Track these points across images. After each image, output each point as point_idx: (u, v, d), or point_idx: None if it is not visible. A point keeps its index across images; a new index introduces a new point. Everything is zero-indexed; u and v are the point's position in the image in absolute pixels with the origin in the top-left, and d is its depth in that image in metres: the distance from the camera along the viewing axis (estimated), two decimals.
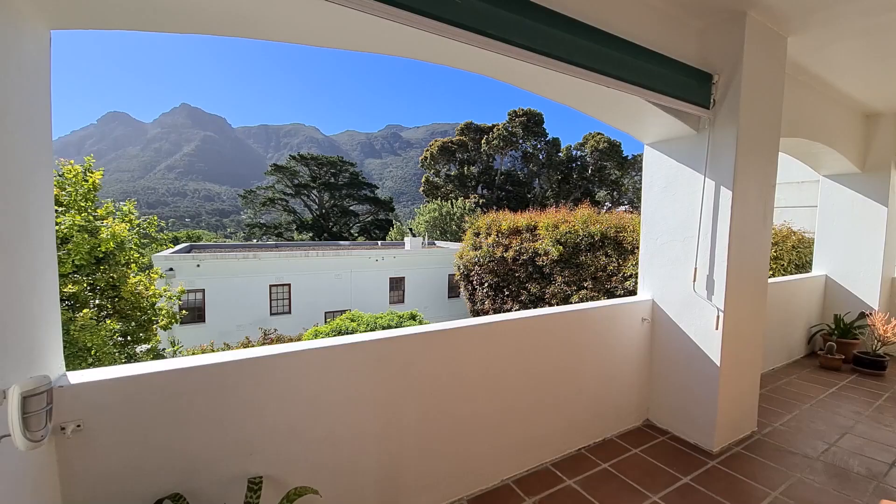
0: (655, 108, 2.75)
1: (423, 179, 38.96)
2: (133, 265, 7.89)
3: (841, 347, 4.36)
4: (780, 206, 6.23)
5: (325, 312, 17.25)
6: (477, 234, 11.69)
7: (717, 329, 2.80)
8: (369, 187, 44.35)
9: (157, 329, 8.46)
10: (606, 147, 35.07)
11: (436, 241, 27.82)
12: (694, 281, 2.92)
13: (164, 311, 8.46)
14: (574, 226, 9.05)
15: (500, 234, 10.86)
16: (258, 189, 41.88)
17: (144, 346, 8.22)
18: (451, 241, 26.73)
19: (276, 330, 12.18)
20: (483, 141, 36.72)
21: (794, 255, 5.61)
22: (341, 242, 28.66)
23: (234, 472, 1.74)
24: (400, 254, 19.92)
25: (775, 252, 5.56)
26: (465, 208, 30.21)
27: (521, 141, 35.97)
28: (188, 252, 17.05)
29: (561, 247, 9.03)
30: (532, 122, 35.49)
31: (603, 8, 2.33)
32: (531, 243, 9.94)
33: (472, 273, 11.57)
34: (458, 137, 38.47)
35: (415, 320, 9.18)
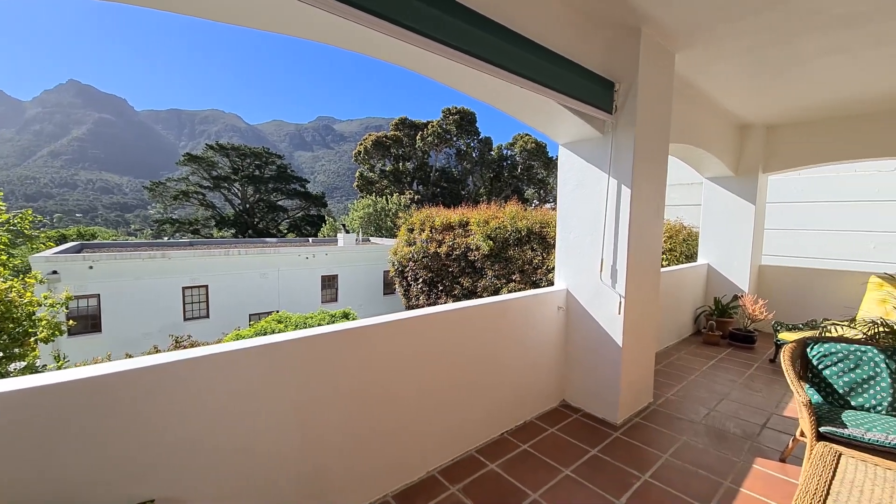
0: (566, 111, 2.95)
1: (358, 174, 37.92)
2: None
3: (720, 325, 5.11)
4: (673, 204, 7.09)
5: (251, 315, 16.07)
6: (411, 230, 11.67)
7: (619, 314, 3.10)
8: (299, 181, 42.00)
9: (35, 343, 7.21)
10: (534, 148, 37.03)
11: (370, 238, 27.27)
12: (601, 271, 3.20)
13: (44, 322, 7.23)
14: (503, 222, 9.42)
15: (433, 230, 10.95)
16: (169, 181, 37.48)
17: (20, 364, 6.96)
18: (386, 237, 26.37)
19: (189, 336, 11.04)
20: (418, 137, 36.70)
21: (684, 247, 6.43)
22: (268, 239, 26.81)
23: (121, 497, 1.54)
24: (332, 251, 19.19)
25: (669, 245, 6.32)
26: (400, 204, 29.98)
27: (455, 139, 36.56)
28: (78, 252, 14.75)
29: (491, 242, 9.36)
30: (465, 121, 36.25)
31: (520, 13, 2.43)
32: (463, 239, 10.17)
33: (407, 269, 11.54)
34: (392, 133, 38.00)
35: (347, 319, 8.92)
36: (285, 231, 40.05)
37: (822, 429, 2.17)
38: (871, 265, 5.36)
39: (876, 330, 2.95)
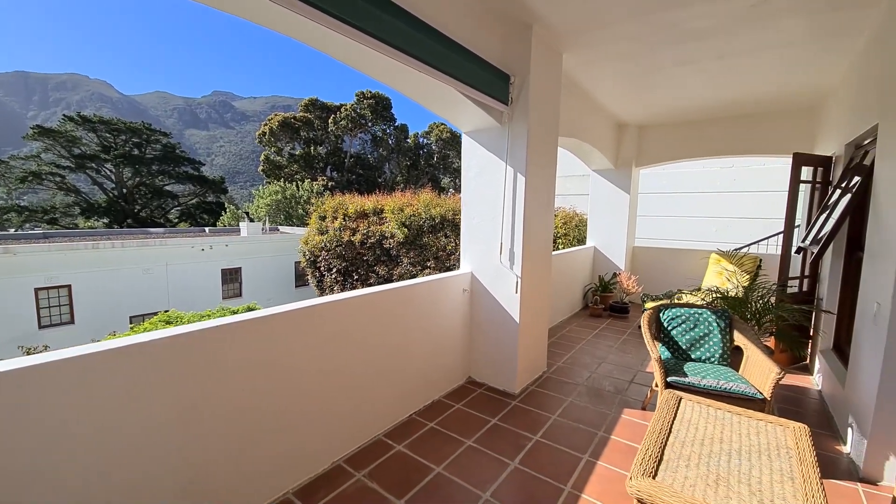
0: (467, 100, 3.05)
1: (263, 158, 34.77)
2: None
3: (602, 299, 5.84)
4: (569, 193, 7.85)
5: (132, 317, 13.91)
6: (323, 218, 11.14)
7: (516, 293, 3.35)
8: (192, 163, 36.96)
9: None
10: (449, 137, 37.70)
11: (279, 227, 25.36)
12: (500, 254, 3.41)
13: None
14: (418, 209, 9.48)
15: (347, 218, 10.59)
16: (14, 159, 30.10)
17: None
18: (298, 226, 24.75)
19: (47, 347, 9.20)
20: (331, 120, 34.82)
21: (576, 232, 7.19)
22: (153, 230, 23.26)
23: None
24: (235, 241, 17.44)
25: (564, 230, 7.01)
26: (312, 191, 28.30)
27: (370, 124, 35.48)
28: None
29: (406, 229, 9.37)
30: (381, 107, 35.35)
31: (425, 1, 2.44)
32: (378, 226, 10.01)
33: (320, 259, 11.02)
34: (302, 114, 35.47)
35: None
36: (176, 220, 35.20)
37: (669, 379, 2.63)
38: (713, 244, 6.57)
39: (712, 296, 3.64)
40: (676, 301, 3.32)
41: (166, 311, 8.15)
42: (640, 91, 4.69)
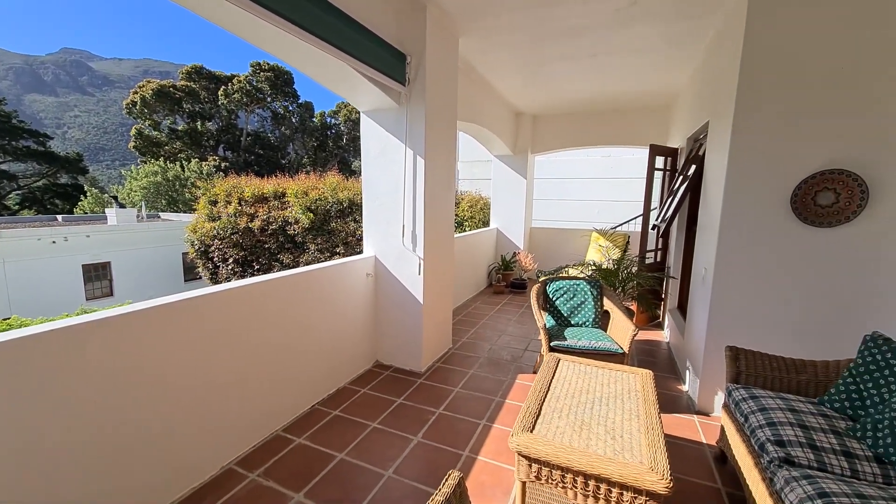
0: (363, 78, 2.93)
1: (135, 132, 29.56)
2: None
3: (504, 277, 6.28)
4: (475, 178, 8.17)
5: None
6: (214, 203, 9.95)
7: (419, 274, 3.41)
8: (34, 136, 29.80)
9: None
10: (359, 117, 36.14)
11: (160, 214, 22.03)
12: (403, 236, 3.42)
13: None
14: (324, 193, 9.01)
15: (243, 203, 9.62)
16: None
17: None
18: (185, 212, 21.75)
19: None
20: (221, 92, 30.83)
21: (482, 214, 7.55)
22: None
23: None
24: (99, 231, 14.69)
25: (471, 213, 7.32)
26: (202, 172, 25.02)
27: (269, 99, 32.28)
28: None
29: (312, 214, 8.86)
30: (281, 81, 32.29)
31: None
32: (280, 212, 9.29)
33: (212, 248, 9.87)
34: (183, 83, 30.80)
35: None
36: (16, 207, 28.36)
37: (552, 343, 2.94)
38: (596, 224, 7.44)
39: (589, 269, 4.14)
40: (560, 275, 3.72)
41: (6, 319, 6.62)
42: (533, 82, 5.01)
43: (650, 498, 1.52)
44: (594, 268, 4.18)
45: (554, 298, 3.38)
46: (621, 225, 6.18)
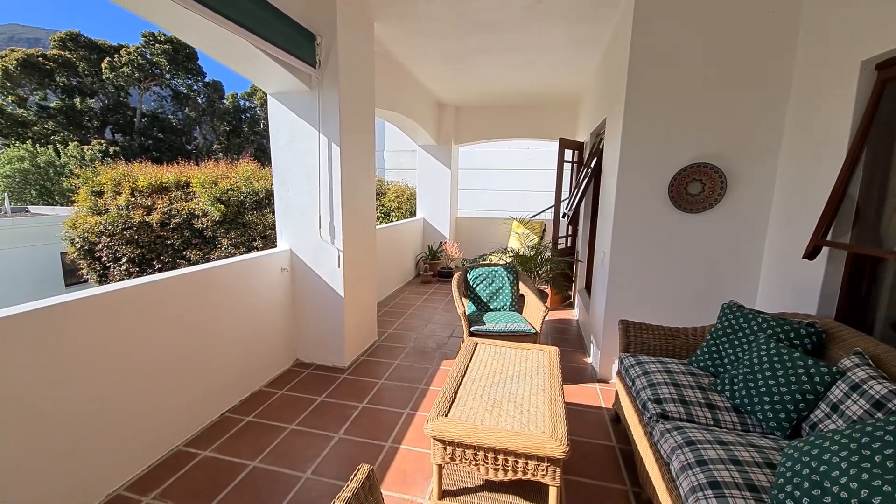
0: (267, 58, 2.70)
1: None
2: None
3: (432, 266, 6.36)
4: (401, 168, 8.09)
5: None
6: (99, 194, 8.62)
7: (339, 267, 3.30)
8: None
9: None
10: None
11: (29, 207, 18.47)
12: (320, 228, 3.27)
13: None
14: (237, 182, 8.25)
15: (138, 193, 8.45)
16: None
17: None
18: (63, 204, 18.48)
19: None
20: (105, 65, 26.46)
21: (409, 205, 7.52)
22: None
23: None
24: None
25: (397, 203, 7.25)
26: (83, 157, 21.43)
27: (168, 76, 28.47)
28: None
29: (223, 206, 8.08)
30: (182, 55, 28.58)
31: None
32: (184, 203, 8.34)
33: (100, 246, 8.55)
34: (57, 52, 25.88)
35: None
36: None
37: (472, 329, 3.05)
38: (517, 213, 7.81)
39: (509, 256, 4.35)
40: (480, 262, 3.86)
41: None
42: (453, 74, 5.06)
43: (551, 463, 1.65)
44: (512, 255, 4.40)
45: (474, 285, 3.49)
46: (538, 214, 6.58)
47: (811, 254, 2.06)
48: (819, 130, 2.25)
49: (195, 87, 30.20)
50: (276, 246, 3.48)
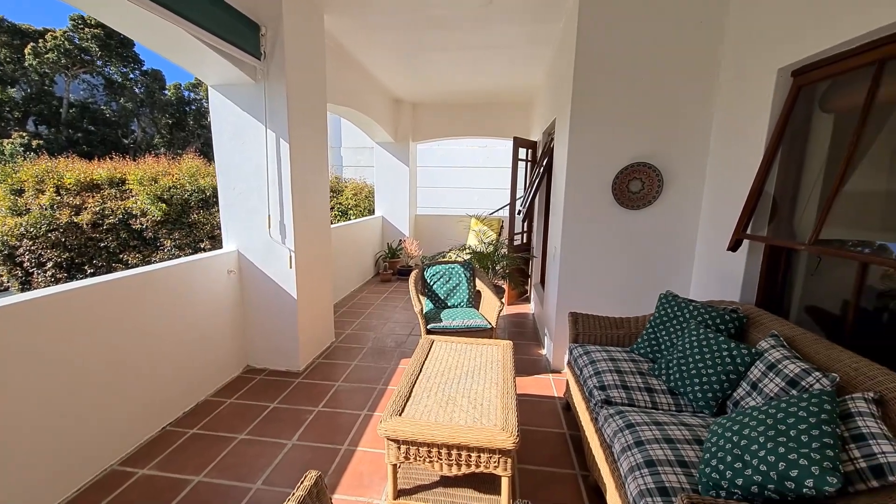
0: (205, 47, 2.55)
1: None
2: None
3: (391, 265, 6.30)
4: (359, 165, 7.93)
5: None
6: (19, 193, 7.77)
7: (291, 268, 3.18)
8: None
9: None
10: None
11: None
12: (269, 227, 3.14)
13: None
14: (180, 179, 7.74)
15: (63, 192, 7.70)
16: None
17: None
18: None
19: None
20: (28, 50, 23.73)
21: (367, 202, 7.39)
22: None
23: None
24: None
25: (355, 201, 7.11)
26: (2, 152, 19.17)
27: (99, 62, 26.02)
28: None
29: (164, 205, 7.54)
30: (116, 41, 26.19)
31: None
32: (120, 202, 7.71)
33: (21, 250, 7.73)
34: None
35: None
36: None
37: (429, 326, 3.06)
38: (475, 210, 7.91)
39: (465, 253, 4.39)
40: (439, 260, 3.88)
41: None
42: (409, 70, 5.01)
43: (502, 454, 1.69)
44: (470, 252, 4.46)
45: (431, 283, 3.50)
46: (496, 211, 6.70)
47: (734, 246, 2.25)
48: (740, 133, 2.46)
49: (132, 75, 27.83)
50: (222, 247, 3.30)
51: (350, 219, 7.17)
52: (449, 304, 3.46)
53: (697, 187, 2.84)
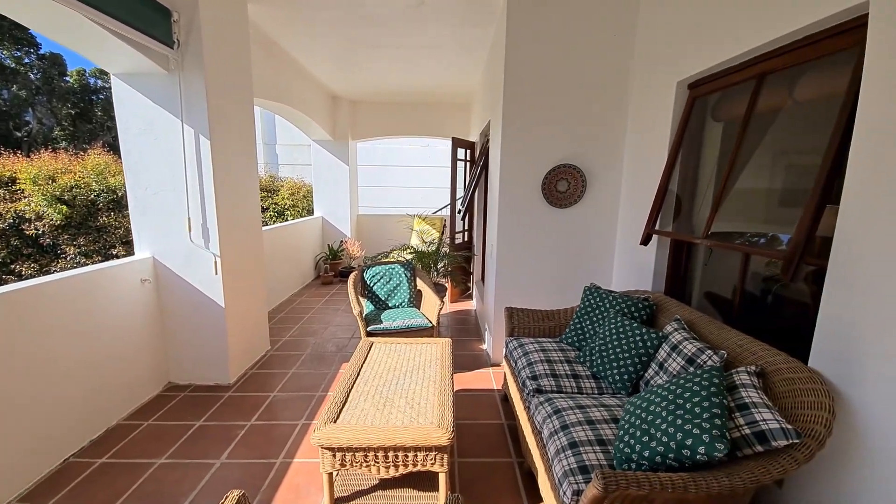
0: (106, 33, 2.29)
1: None
2: None
3: (332, 267, 6.11)
4: (296, 164, 7.58)
5: None
6: None
7: (217, 274, 2.97)
8: None
9: None
10: None
11: None
12: (190, 231, 2.90)
13: None
14: (84, 178, 6.86)
15: None
16: None
17: None
18: None
19: None
20: None
21: (305, 202, 7.10)
22: None
23: None
24: None
25: (293, 201, 6.79)
26: None
27: None
28: None
29: (65, 207, 6.66)
30: (8, 22, 22.50)
31: None
32: (9, 204, 6.67)
33: None
34: None
35: None
36: None
37: (369, 328, 3.01)
38: (419, 209, 7.92)
39: (407, 253, 4.39)
40: (381, 260, 3.83)
41: None
42: (346, 67, 4.89)
43: (438, 451, 1.72)
44: (412, 251, 4.46)
45: (371, 284, 3.45)
46: (438, 210, 6.75)
47: (645, 240, 2.48)
48: (649, 138, 2.72)
49: (26, 60, 24.10)
50: (133, 253, 2.99)
51: (287, 220, 6.84)
52: (390, 305, 3.44)
53: (615, 187, 3.09)
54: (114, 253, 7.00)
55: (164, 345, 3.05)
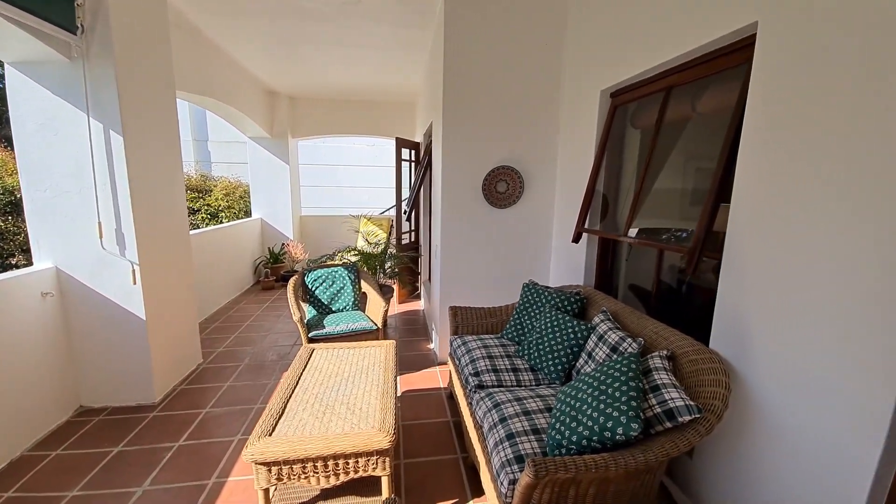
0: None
1: None
2: None
3: (274, 271, 5.82)
4: (231, 161, 7.11)
5: None
6: None
7: (135, 284, 2.71)
8: None
9: None
10: None
11: None
12: (101, 237, 2.62)
13: None
14: None
15: None
16: None
17: None
18: None
19: None
20: None
21: (242, 203, 6.69)
22: None
23: None
24: None
25: (227, 202, 6.37)
26: None
27: None
28: None
29: None
30: None
31: None
32: None
33: None
34: None
35: None
36: None
37: (311, 334, 2.91)
38: (366, 210, 7.76)
39: (351, 254, 4.30)
40: (325, 263, 3.71)
41: None
42: (282, 62, 4.67)
43: (380, 455, 1.71)
44: (357, 253, 4.37)
45: (313, 288, 3.34)
46: (385, 211, 6.68)
47: (576, 238, 2.65)
48: (578, 142, 2.90)
49: None
50: (31, 264, 2.64)
51: (222, 222, 6.39)
52: (333, 309, 3.35)
53: (550, 188, 3.25)
54: (13, 263, 6.12)
55: (72, 365, 2.73)
